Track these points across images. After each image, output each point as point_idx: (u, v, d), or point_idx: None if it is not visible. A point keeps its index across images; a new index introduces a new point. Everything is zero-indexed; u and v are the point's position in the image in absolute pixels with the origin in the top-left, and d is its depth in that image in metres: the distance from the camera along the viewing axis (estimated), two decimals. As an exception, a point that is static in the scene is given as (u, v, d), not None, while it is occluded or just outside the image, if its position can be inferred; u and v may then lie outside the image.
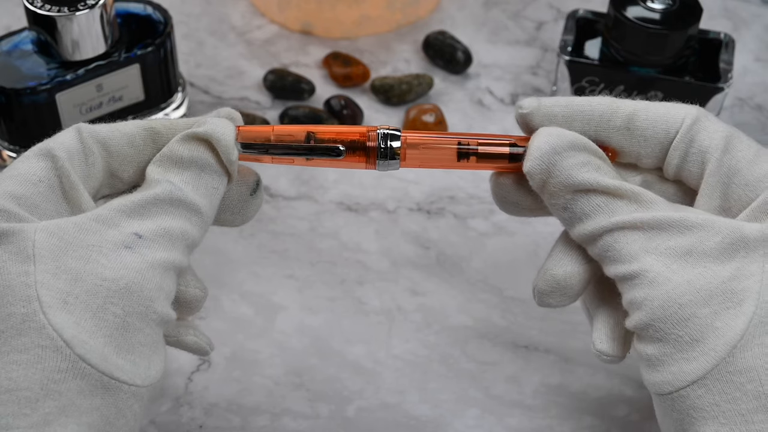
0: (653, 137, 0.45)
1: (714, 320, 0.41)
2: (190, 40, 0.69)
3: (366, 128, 0.45)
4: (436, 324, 0.54)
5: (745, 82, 0.67)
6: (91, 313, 0.38)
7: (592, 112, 0.45)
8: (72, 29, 0.55)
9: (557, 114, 0.45)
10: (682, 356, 0.41)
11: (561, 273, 0.45)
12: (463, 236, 0.58)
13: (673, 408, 0.41)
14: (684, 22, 0.58)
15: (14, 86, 0.56)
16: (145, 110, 0.61)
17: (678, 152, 0.45)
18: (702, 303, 0.41)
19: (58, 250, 0.39)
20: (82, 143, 0.42)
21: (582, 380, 0.52)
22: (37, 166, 0.41)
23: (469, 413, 0.51)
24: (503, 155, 0.45)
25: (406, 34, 0.70)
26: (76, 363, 0.37)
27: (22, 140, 0.58)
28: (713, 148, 0.44)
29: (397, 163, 0.45)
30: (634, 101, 0.46)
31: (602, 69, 0.60)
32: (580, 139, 0.44)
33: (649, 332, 0.42)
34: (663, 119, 0.45)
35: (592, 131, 0.45)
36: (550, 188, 0.44)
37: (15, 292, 0.38)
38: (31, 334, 0.37)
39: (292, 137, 0.45)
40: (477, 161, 0.45)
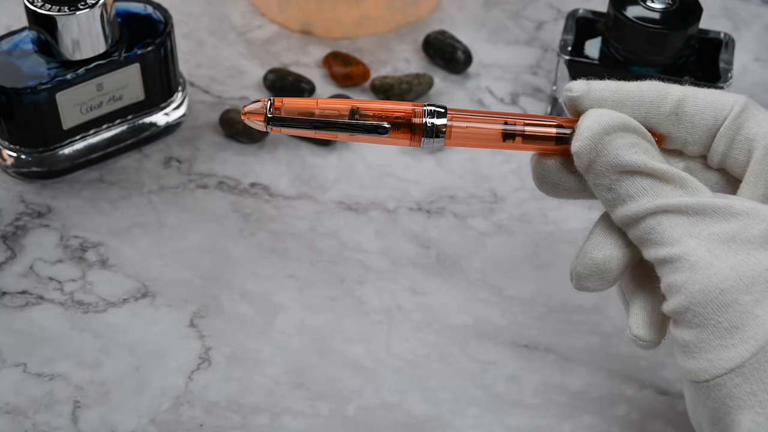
0: (701, 123, 0.45)
1: (755, 308, 0.40)
2: (190, 40, 0.69)
3: (412, 105, 0.44)
4: (436, 323, 0.54)
5: (745, 82, 0.67)
6: None
7: (642, 97, 0.45)
8: (72, 29, 0.56)
9: (607, 98, 0.45)
10: (721, 343, 0.40)
11: (600, 256, 0.45)
12: (463, 236, 0.58)
13: (708, 396, 0.41)
14: (684, 21, 0.58)
15: (14, 86, 0.56)
16: (145, 110, 0.61)
17: (724, 139, 0.45)
18: (744, 290, 0.40)
19: None
20: None
21: (582, 379, 0.52)
22: None
23: (469, 412, 0.51)
24: (550, 137, 0.45)
25: (406, 34, 0.70)
26: None
27: (22, 140, 0.58)
28: (761, 136, 0.44)
29: (442, 141, 0.44)
30: (684, 87, 0.45)
31: (602, 69, 0.60)
32: (630, 121, 0.44)
33: (687, 317, 0.41)
34: (712, 106, 0.45)
35: (642, 116, 0.45)
36: (596, 168, 0.44)
37: None
38: None
39: (337, 112, 0.44)
40: (523, 142, 0.45)
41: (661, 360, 0.53)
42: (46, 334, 0.53)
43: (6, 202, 0.59)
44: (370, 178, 0.61)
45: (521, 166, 0.62)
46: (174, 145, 0.62)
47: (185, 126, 0.63)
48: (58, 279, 0.55)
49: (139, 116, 0.61)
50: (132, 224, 0.58)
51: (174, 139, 0.63)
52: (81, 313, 0.54)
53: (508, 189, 0.61)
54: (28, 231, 0.58)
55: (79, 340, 0.53)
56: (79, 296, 0.55)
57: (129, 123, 0.61)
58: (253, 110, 0.45)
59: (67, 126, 0.58)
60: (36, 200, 0.59)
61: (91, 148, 0.60)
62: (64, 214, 0.59)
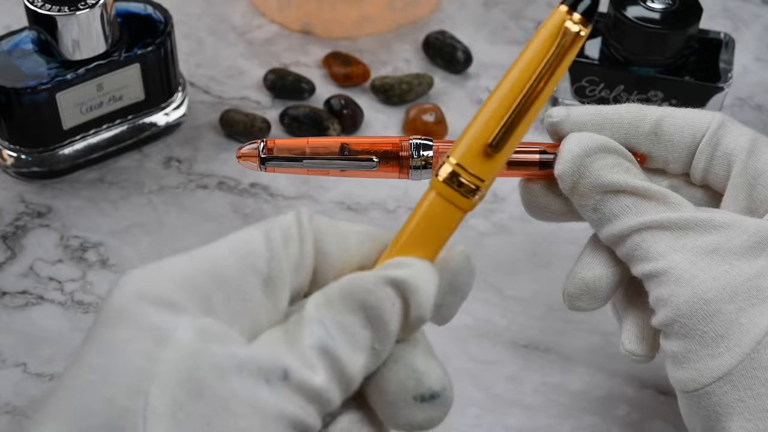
0: (680, 142, 0.46)
1: (739, 316, 0.41)
2: (190, 40, 0.69)
3: (399, 138, 0.46)
4: (436, 323, 0.54)
5: (745, 82, 0.67)
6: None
7: (621, 119, 0.46)
8: (72, 29, 0.55)
9: (587, 122, 0.46)
10: (707, 352, 0.41)
11: (590, 276, 0.45)
12: (463, 236, 0.58)
13: (699, 405, 0.41)
14: (684, 21, 0.58)
15: (14, 86, 0.56)
16: (145, 110, 0.61)
17: (704, 155, 0.45)
18: (727, 299, 0.41)
19: (196, 349, 0.32)
20: (300, 228, 0.36)
21: (582, 379, 0.52)
22: (247, 239, 0.35)
23: (469, 412, 0.51)
24: (533, 162, 0.46)
25: (406, 34, 0.70)
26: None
27: (23, 140, 0.58)
28: (738, 150, 0.45)
29: (429, 172, 0.46)
30: (662, 108, 0.46)
31: (602, 68, 0.60)
32: (609, 142, 0.45)
33: (674, 328, 0.42)
34: (689, 124, 0.46)
35: (622, 138, 0.46)
36: (580, 189, 0.44)
37: (128, 372, 0.32)
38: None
39: (326, 149, 0.45)
40: (508, 168, 0.46)
41: (662, 360, 0.53)
42: (46, 334, 0.53)
43: (6, 202, 0.59)
44: (370, 178, 0.61)
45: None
46: (174, 145, 0.62)
47: (185, 126, 0.63)
48: (58, 279, 0.55)
49: (139, 116, 0.61)
50: (132, 224, 0.58)
51: (174, 139, 0.63)
52: (81, 313, 0.54)
53: (508, 189, 0.61)
54: (28, 231, 0.58)
55: (79, 340, 0.52)
56: (79, 296, 0.55)
57: (129, 123, 0.61)
58: (247, 152, 0.46)
59: (67, 126, 0.58)
60: (36, 200, 0.59)
61: (91, 148, 0.60)
62: (64, 214, 0.59)
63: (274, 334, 0.34)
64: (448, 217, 0.37)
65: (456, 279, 0.37)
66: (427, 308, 0.35)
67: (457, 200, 0.36)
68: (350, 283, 0.35)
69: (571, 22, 0.37)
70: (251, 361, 0.33)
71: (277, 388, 0.33)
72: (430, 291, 0.35)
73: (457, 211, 0.37)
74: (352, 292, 0.34)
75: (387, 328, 0.34)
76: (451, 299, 0.37)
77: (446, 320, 0.38)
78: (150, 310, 0.33)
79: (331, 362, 0.34)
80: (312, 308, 0.34)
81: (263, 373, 0.32)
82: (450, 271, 0.37)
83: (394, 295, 0.34)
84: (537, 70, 0.37)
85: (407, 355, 0.35)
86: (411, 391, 0.35)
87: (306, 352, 0.33)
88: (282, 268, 0.35)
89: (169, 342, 0.32)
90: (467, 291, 0.37)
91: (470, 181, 0.36)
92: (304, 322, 0.34)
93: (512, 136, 0.36)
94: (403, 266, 0.35)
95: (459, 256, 0.37)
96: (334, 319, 0.34)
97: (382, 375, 0.35)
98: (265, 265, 0.35)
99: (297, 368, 0.33)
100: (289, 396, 0.33)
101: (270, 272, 0.35)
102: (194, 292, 0.33)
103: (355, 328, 0.34)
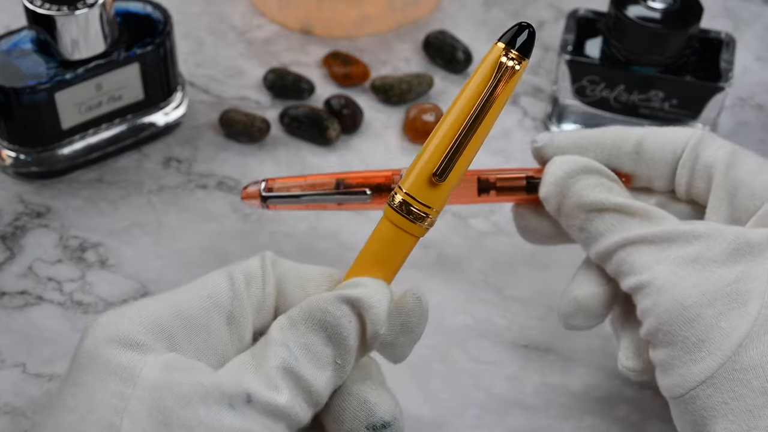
0: (662, 159, 0.47)
1: (719, 320, 0.41)
2: (189, 40, 0.69)
3: (391, 172, 0.49)
4: (436, 324, 0.54)
5: (745, 82, 0.67)
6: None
7: (603, 141, 0.47)
8: (71, 28, 0.55)
9: (569, 145, 0.47)
10: (690, 357, 0.42)
11: (582, 294, 0.47)
12: (463, 236, 0.58)
13: (686, 410, 0.42)
14: (685, 21, 0.58)
15: (14, 85, 0.56)
16: (144, 109, 0.60)
17: (685, 170, 0.46)
18: (707, 304, 0.42)
19: (162, 382, 0.35)
20: (263, 271, 0.40)
21: (582, 380, 0.52)
22: (212, 282, 0.39)
23: (469, 413, 0.50)
24: (520, 187, 0.48)
25: (406, 34, 0.70)
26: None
27: (22, 139, 0.58)
28: (718, 162, 0.46)
29: None
30: (643, 128, 0.48)
31: (603, 68, 0.60)
32: (591, 163, 0.46)
33: (658, 337, 0.43)
34: (670, 141, 0.47)
35: (605, 159, 0.47)
36: (565, 210, 0.46)
37: (101, 410, 0.35)
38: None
39: (323, 185, 0.49)
40: (497, 195, 0.49)
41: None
42: (45, 335, 0.53)
43: (5, 203, 0.59)
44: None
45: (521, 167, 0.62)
46: (173, 145, 0.62)
47: (185, 126, 0.63)
48: (57, 279, 0.55)
49: (139, 116, 0.61)
50: (131, 224, 0.58)
51: (173, 139, 0.63)
52: (80, 313, 0.54)
53: (508, 189, 0.60)
54: (28, 231, 0.58)
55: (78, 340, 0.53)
56: (79, 296, 0.55)
57: (128, 123, 0.60)
58: (250, 192, 0.51)
59: (66, 126, 0.58)
60: (35, 200, 0.59)
61: (91, 148, 0.60)
62: (63, 214, 0.58)
63: (241, 358, 0.37)
64: (401, 242, 0.40)
65: (408, 320, 0.39)
66: (380, 323, 0.38)
67: (407, 227, 0.39)
68: (309, 305, 0.38)
69: (506, 58, 0.38)
70: (215, 388, 0.35)
71: (242, 411, 0.35)
72: (383, 308, 0.38)
73: (409, 237, 0.40)
74: (312, 312, 0.37)
75: (347, 344, 0.38)
76: (403, 339, 0.40)
77: (400, 359, 0.41)
78: (118, 352, 0.36)
79: (296, 381, 0.37)
80: (276, 332, 0.38)
81: (227, 399, 0.35)
82: (403, 313, 0.39)
83: (350, 313, 0.38)
84: (475, 104, 0.38)
85: (360, 387, 0.39)
86: (363, 421, 0.38)
87: (270, 373, 0.36)
88: (244, 306, 0.38)
89: (137, 380, 0.35)
90: (419, 332, 0.40)
91: (419, 209, 0.39)
92: (269, 345, 0.37)
93: (455, 165, 0.39)
94: (358, 286, 0.38)
95: (411, 299, 0.39)
96: (298, 340, 0.37)
97: (338, 405, 0.38)
98: (228, 304, 0.38)
99: (260, 390, 0.36)
100: (255, 417, 0.36)
101: (233, 310, 0.38)
102: (160, 332, 0.37)
103: (317, 346, 0.37)
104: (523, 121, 0.65)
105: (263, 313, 0.39)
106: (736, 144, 0.47)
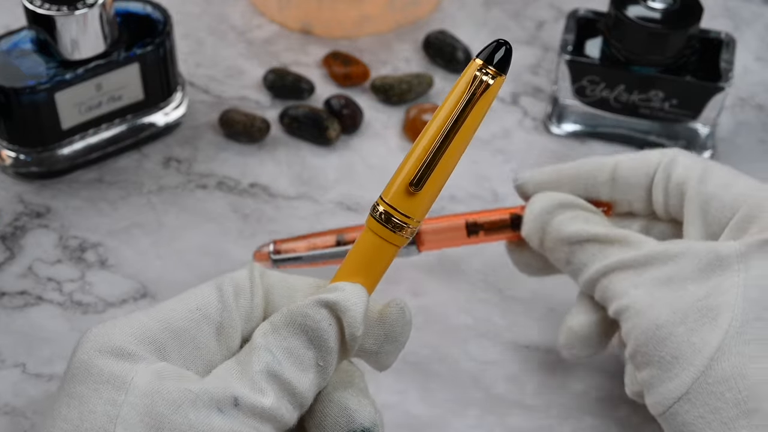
0: (636, 183, 0.48)
1: (690, 336, 0.43)
2: (189, 40, 0.69)
3: None
4: (436, 324, 0.54)
5: (745, 82, 0.67)
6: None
7: (579, 173, 0.49)
8: (71, 28, 0.55)
9: (546, 181, 0.50)
10: (667, 375, 0.43)
11: (576, 324, 0.48)
12: (464, 236, 0.58)
13: (669, 428, 0.43)
14: (685, 21, 0.58)
15: (13, 85, 0.56)
16: (144, 109, 0.60)
17: (659, 190, 0.48)
18: (678, 322, 0.43)
19: (153, 389, 0.37)
20: (252, 282, 0.41)
21: (583, 380, 0.52)
22: (201, 294, 0.40)
23: (469, 413, 0.50)
24: (507, 226, 0.50)
25: (406, 34, 0.70)
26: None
27: (21, 139, 0.58)
28: (689, 178, 0.47)
29: (415, 248, 0.52)
30: (617, 155, 0.49)
31: (603, 68, 0.60)
32: (567, 197, 0.48)
33: (638, 358, 0.44)
34: (643, 164, 0.49)
35: (581, 190, 0.49)
36: (548, 245, 0.48)
37: (95, 418, 0.36)
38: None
39: (324, 243, 0.52)
40: (485, 235, 0.51)
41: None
42: (45, 335, 0.53)
43: (5, 203, 0.59)
44: (370, 178, 0.61)
45: (522, 167, 0.62)
46: (173, 145, 0.62)
47: (185, 126, 0.63)
48: (57, 279, 0.55)
49: (139, 116, 0.61)
50: (131, 224, 0.58)
51: (173, 139, 0.63)
52: (80, 313, 0.54)
53: (508, 189, 0.60)
54: (27, 231, 0.58)
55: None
56: (78, 296, 0.55)
57: (128, 123, 0.60)
58: (261, 254, 0.54)
59: (66, 126, 0.58)
60: (35, 200, 0.59)
61: (91, 148, 0.60)
62: (63, 214, 0.58)
63: (228, 364, 0.39)
64: (382, 251, 0.40)
65: (392, 330, 0.40)
66: (357, 326, 0.39)
67: (388, 236, 0.40)
68: (290, 310, 0.39)
69: (480, 73, 0.39)
70: (204, 393, 0.37)
71: (231, 414, 0.37)
72: (359, 310, 0.39)
73: (389, 246, 0.40)
74: (293, 317, 0.39)
75: (327, 346, 0.39)
76: (388, 347, 0.41)
77: (385, 367, 0.42)
78: (110, 362, 0.37)
79: (280, 384, 0.38)
80: (259, 337, 0.39)
81: (215, 403, 0.37)
82: (386, 323, 0.40)
83: (329, 316, 0.39)
84: (450, 117, 0.39)
85: (341, 394, 0.40)
86: (344, 426, 0.39)
87: (255, 377, 0.38)
88: (233, 317, 0.40)
89: (129, 388, 0.36)
90: (403, 341, 0.41)
91: (400, 219, 0.40)
92: (253, 350, 0.39)
93: (431, 176, 0.39)
94: (336, 290, 0.39)
95: (395, 309, 0.40)
96: (280, 345, 0.38)
97: (320, 411, 0.40)
98: (218, 315, 0.39)
99: (246, 394, 0.37)
100: (243, 419, 0.37)
101: (222, 322, 0.39)
102: (150, 342, 0.38)
103: (299, 350, 0.38)
104: (523, 121, 0.65)
105: (252, 323, 0.40)
106: (736, 144, 0.48)
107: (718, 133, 0.63)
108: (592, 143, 0.63)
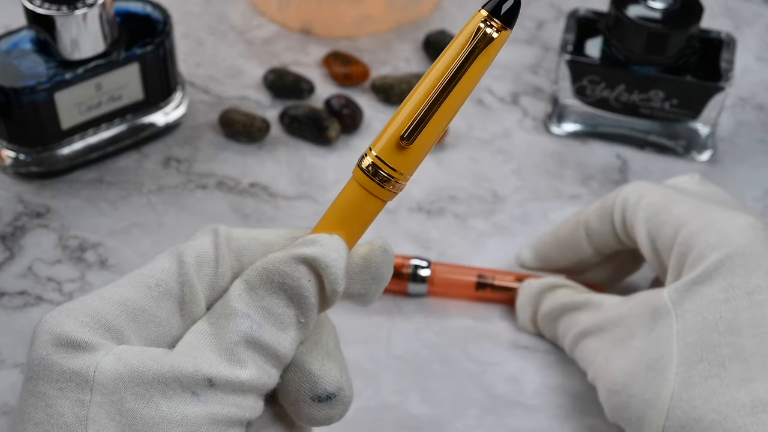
0: (607, 231, 0.51)
1: (644, 394, 0.44)
2: (189, 40, 0.69)
3: (401, 258, 0.54)
4: (436, 324, 0.54)
5: (746, 82, 0.67)
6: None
7: (557, 239, 0.53)
8: (71, 28, 0.55)
9: (542, 257, 0.54)
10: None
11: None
12: (464, 236, 0.58)
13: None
14: (685, 21, 0.58)
15: (13, 85, 0.56)
16: (144, 109, 0.60)
17: (617, 223, 0.50)
18: (632, 383, 0.45)
19: (119, 381, 0.35)
20: (216, 250, 0.38)
21: (583, 381, 0.52)
22: (161, 268, 0.37)
23: (469, 413, 0.50)
24: (513, 288, 0.54)
25: (406, 34, 0.70)
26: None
27: (21, 139, 0.58)
28: (630, 203, 0.49)
29: (425, 288, 0.54)
30: (584, 210, 0.52)
31: (603, 68, 0.60)
32: (549, 281, 0.52)
33: (617, 420, 0.46)
34: (607, 208, 0.50)
35: (570, 255, 0.52)
36: (539, 326, 0.53)
37: (64, 421, 0.35)
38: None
39: None
40: (492, 292, 0.54)
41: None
42: (44, 335, 0.53)
43: (5, 203, 0.59)
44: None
45: (522, 167, 0.62)
46: (173, 145, 0.62)
47: (184, 126, 0.63)
48: (56, 279, 0.55)
49: (138, 116, 0.61)
50: (131, 224, 0.58)
51: (173, 139, 0.63)
52: (80, 313, 0.54)
53: (508, 189, 0.60)
54: (27, 231, 0.57)
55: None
56: (78, 297, 0.54)
57: (128, 123, 0.60)
58: None
59: (66, 126, 0.58)
60: (35, 200, 0.59)
61: (90, 148, 0.60)
62: (63, 214, 0.58)
63: (199, 329, 0.37)
64: (367, 205, 0.38)
65: (379, 272, 0.39)
66: (338, 282, 0.37)
67: (374, 190, 0.38)
68: (266, 267, 0.37)
69: (484, 25, 0.37)
70: (174, 380, 0.35)
71: (206, 396, 0.35)
72: (340, 266, 0.37)
73: (375, 200, 0.38)
74: (270, 275, 0.37)
75: (308, 303, 0.37)
76: (375, 288, 0.39)
77: (370, 303, 0.40)
78: (67, 356, 0.35)
79: (260, 350, 0.36)
80: (236, 300, 0.37)
81: (188, 387, 0.35)
82: (373, 266, 0.39)
83: (308, 273, 0.37)
84: (449, 69, 0.37)
85: (305, 359, 0.38)
86: (308, 392, 0.38)
87: (233, 349, 0.36)
88: (196, 291, 0.37)
89: (93, 385, 0.34)
90: (389, 278, 0.40)
91: (387, 173, 0.37)
92: (229, 317, 0.36)
93: (424, 130, 0.37)
94: (314, 243, 0.37)
95: (379, 251, 0.39)
96: (259, 305, 0.36)
97: (284, 377, 0.38)
98: (178, 289, 0.37)
99: (221, 371, 0.35)
100: (221, 398, 0.35)
101: (184, 296, 0.37)
102: (107, 329, 0.36)
103: (279, 308, 0.37)
104: (523, 121, 0.65)
105: (216, 293, 0.38)
106: (736, 144, 0.48)
107: (718, 133, 0.63)
108: (592, 143, 0.63)
